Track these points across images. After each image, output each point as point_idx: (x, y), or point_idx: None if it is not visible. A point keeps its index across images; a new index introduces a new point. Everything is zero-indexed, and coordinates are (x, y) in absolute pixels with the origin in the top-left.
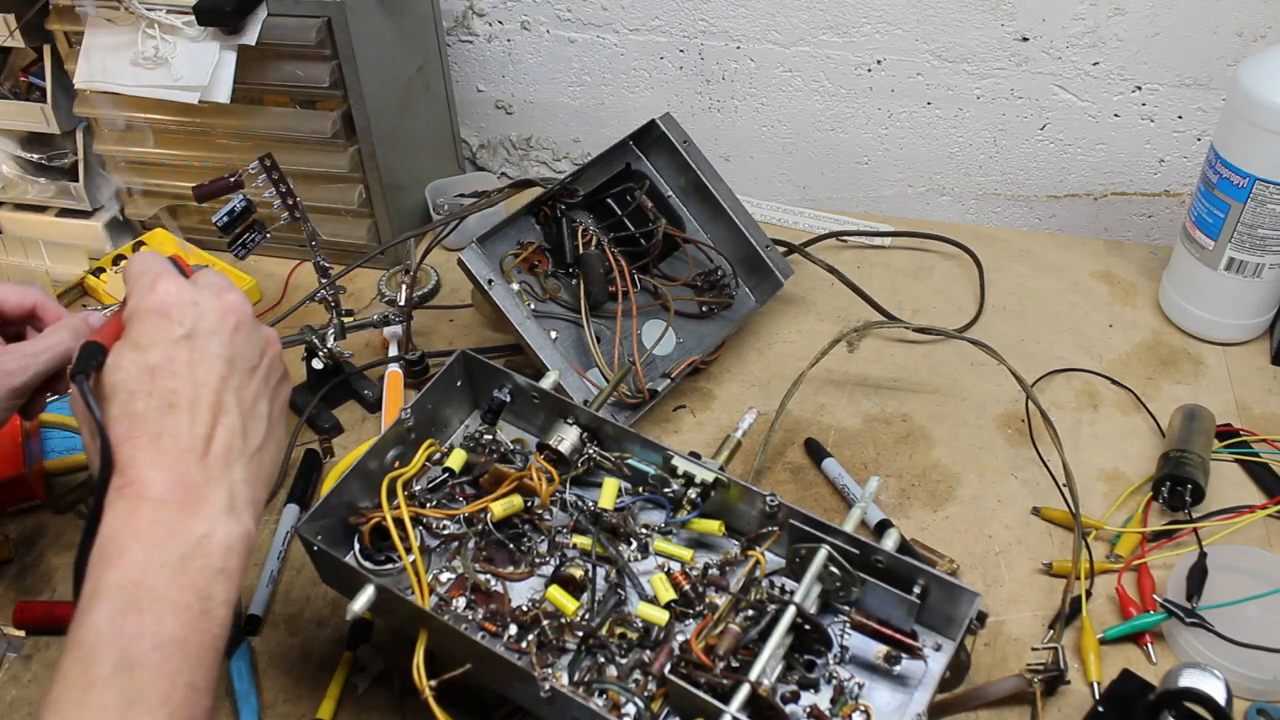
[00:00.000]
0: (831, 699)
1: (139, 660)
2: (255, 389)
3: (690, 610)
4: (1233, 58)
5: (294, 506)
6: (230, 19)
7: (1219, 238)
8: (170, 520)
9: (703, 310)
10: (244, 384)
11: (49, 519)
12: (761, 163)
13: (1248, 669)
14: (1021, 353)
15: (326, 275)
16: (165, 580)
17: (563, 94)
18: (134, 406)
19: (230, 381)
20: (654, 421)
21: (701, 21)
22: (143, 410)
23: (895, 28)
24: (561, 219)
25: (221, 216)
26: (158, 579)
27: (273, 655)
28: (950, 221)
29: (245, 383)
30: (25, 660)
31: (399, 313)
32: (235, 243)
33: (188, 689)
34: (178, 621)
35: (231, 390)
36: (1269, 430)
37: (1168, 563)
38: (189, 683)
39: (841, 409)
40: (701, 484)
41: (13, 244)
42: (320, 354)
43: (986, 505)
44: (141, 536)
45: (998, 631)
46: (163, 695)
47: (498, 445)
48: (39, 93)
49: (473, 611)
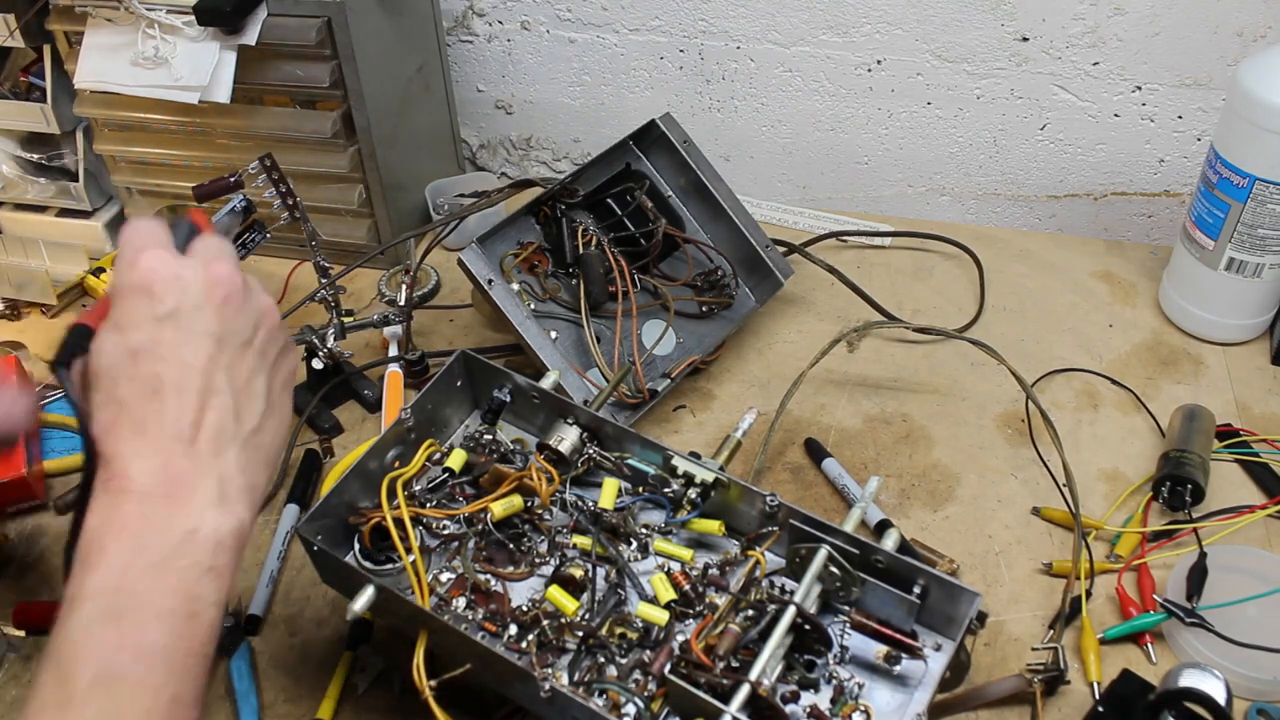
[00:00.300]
0: (831, 699)
1: (119, 674)
2: (250, 365)
3: (690, 610)
4: (1233, 58)
5: (294, 506)
6: (230, 19)
7: (1219, 238)
8: (155, 515)
9: (703, 310)
10: (236, 361)
11: (49, 519)
12: (761, 163)
13: (1248, 669)
14: (1021, 353)
15: (326, 275)
16: (148, 583)
17: (563, 94)
18: (117, 393)
19: (220, 360)
20: (654, 421)
21: (701, 21)
22: (126, 396)
23: (895, 28)
24: (561, 219)
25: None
26: (140, 581)
27: (273, 655)
28: (950, 221)
29: (238, 360)
30: (25, 660)
31: (399, 313)
32: (235, 243)
33: (172, 703)
34: (162, 628)
35: (222, 369)
36: (1269, 430)
37: (1168, 563)
38: (173, 696)
39: (841, 409)
40: (701, 484)
41: (13, 244)
42: (320, 354)
43: (986, 505)
44: (124, 534)
45: (998, 631)
46: (144, 711)
47: (498, 445)
48: (39, 93)
49: (473, 611)
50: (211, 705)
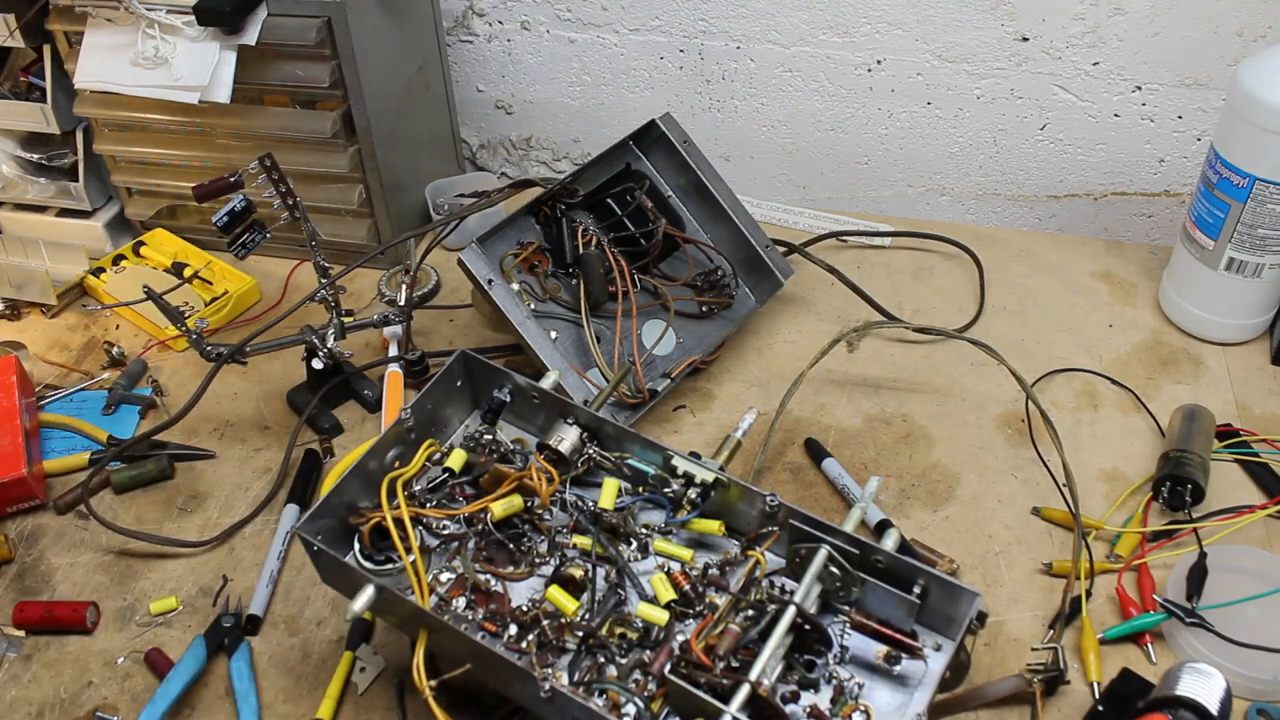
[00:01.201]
0: (831, 699)
1: None
2: None
3: (690, 610)
4: (1233, 58)
5: (294, 506)
6: (230, 19)
7: (1219, 238)
8: None
9: (703, 310)
10: None
11: (49, 519)
12: (761, 163)
13: (1248, 669)
14: (1021, 353)
15: (326, 275)
16: None
17: (563, 94)
18: None
19: None
20: (654, 421)
21: (701, 21)
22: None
23: (895, 28)
24: (561, 219)
25: (221, 216)
26: None
27: (273, 655)
28: (950, 221)
29: None
30: (25, 660)
31: (399, 313)
32: (235, 243)
33: None
34: None
35: None
36: (1269, 430)
37: (1168, 563)
38: None
39: (841, 409)
40: (701, 484)
41: (13, 244)
42: (320, 354)
43: (986, 505)
44: None
45: (998, 631)
46: None
47: (498, 445)
48: (39, 93)
49: (473, 611)
50: (212, 705)
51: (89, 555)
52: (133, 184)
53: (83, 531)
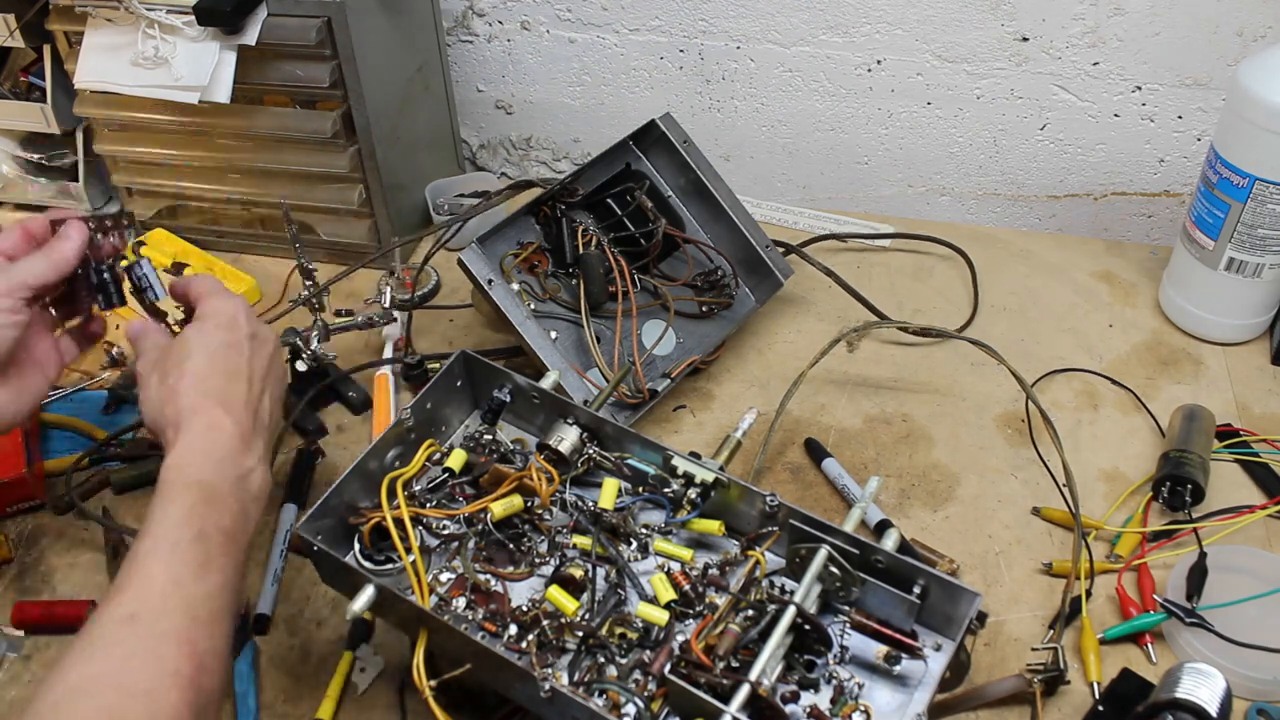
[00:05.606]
0: (831, 699)
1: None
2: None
3: (690, 610)
4: (1233, 58)
5: (293, 506)
6: (230, 19)
7: (1219, 238)
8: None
9: (703, 310)
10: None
11: (49, 519)
12: (761, 163)
13: (1248, 669)
14: (1021, 353)
15: (310, 277)
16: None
17: (563, 94)
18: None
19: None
20: (654, 421)
21: (701, 21)
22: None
23: (895, 28)
24: (561, 219)
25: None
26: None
27: (273, 655)
28: (950, 222)
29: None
30: (25, 660)
31: (382, 315)
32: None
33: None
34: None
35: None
36: (1269, 430)
37: (1168, 563)
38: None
39: (841, 409)
40: (701, 484)
41: None
42: (304, 356)
43: (986, 505)
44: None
45: (998, 631)
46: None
47: (498, 445)
48: (39, 93)
49: (473, 611)
50: None
51: (89, 555)
52: (133, 184)
53: (83, 531)
